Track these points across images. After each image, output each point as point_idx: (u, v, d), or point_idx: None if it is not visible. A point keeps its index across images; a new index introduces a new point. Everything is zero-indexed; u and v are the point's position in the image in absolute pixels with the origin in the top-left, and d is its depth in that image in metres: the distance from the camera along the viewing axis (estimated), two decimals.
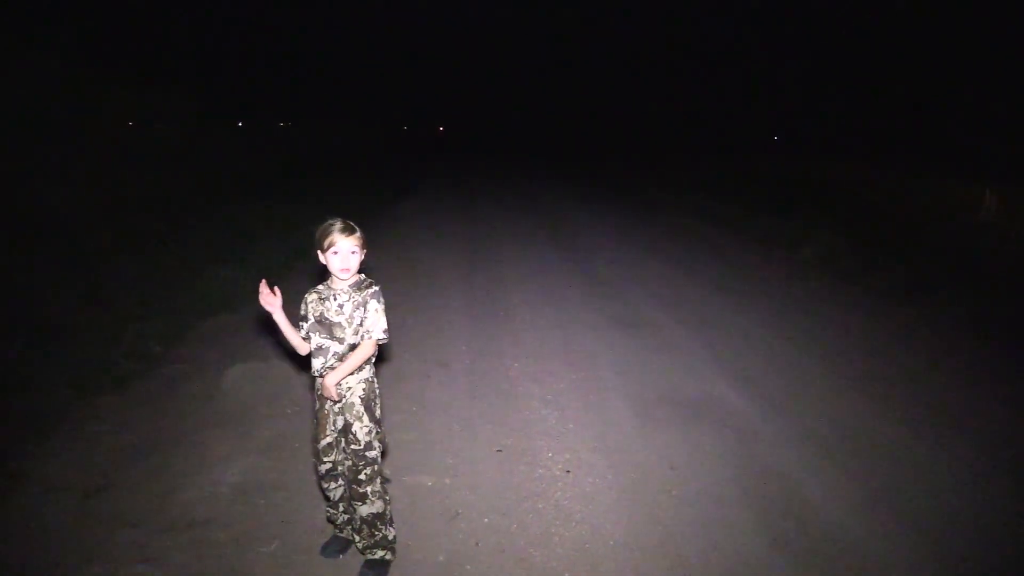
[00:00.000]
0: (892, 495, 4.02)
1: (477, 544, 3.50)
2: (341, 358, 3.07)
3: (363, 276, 3.14)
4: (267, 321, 3.24)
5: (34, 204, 11.47)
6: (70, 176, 12.82)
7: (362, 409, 3.12)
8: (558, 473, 4.22)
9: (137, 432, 4.64)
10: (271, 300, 3.07)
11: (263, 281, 3.10)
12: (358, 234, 3.04)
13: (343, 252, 3.00)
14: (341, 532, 3.41)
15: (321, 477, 3.27)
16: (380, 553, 3.23)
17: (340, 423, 3.15)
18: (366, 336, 3.07)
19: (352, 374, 3.09)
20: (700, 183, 20.32)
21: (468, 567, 3.33)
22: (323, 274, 3.16)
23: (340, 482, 3.27)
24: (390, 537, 3.26)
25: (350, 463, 3.16)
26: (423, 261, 9.94)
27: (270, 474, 4.13)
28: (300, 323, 3.16)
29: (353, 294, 3.09)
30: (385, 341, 3.11)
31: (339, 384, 3.07)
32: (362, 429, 3.12)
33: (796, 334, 6.91)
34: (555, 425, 4.86)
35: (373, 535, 3.21)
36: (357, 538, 3.30)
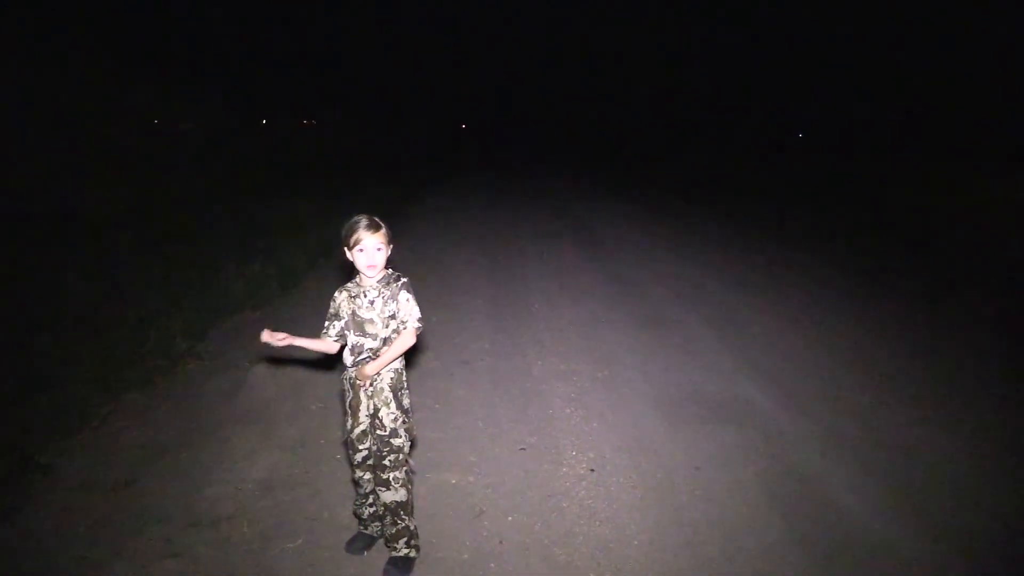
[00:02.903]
0: (918, 496, 3.97)
1: (501, 542, 3.49)
2: (375, 353, 3.09)
3: (390, 271, 3.14)
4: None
5: (60, 202, 11.62)
6: (95, 174, 12.98)
7: (390, 395, 3.14)
8: (582, 472, 4.20)
9: (162, 428, 4.69)
10: (278, 340, 3.08)
11: (263, 333, 3.11)
12: (384, 230, 3.04)
13: (369, 249, 3.00)
14: (366, 528, 3.41)
15: (356, 466, 3.27)
16: (404, 550, 3.23)
17: (372, 408, 3.16)
18: (402, 326, 3.09)
19: None
20: (725, 181, 20.19)
21: (492, 565, 3.32)
22: (351, 270, 3.16)
23: (370, 473, 3.27)
24: (412, 528, 3.26)
25: (375, 448, 3.17)
26: (445, 258, 9.95)
27: (295, 470, 4.15)
28: (330, 322, 3.17)
29: (383, 290, 3.09)
30: (421, 328, 3.13)
31: None
32: (389, 415, 3.14)
33: (821, 333, 6.83)
34: (579, 424, 4.84)
35: (395, 523, 3.22)
36: (380, 528, 3.32)
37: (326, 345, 3.20)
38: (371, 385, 3.13)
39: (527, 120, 70.89)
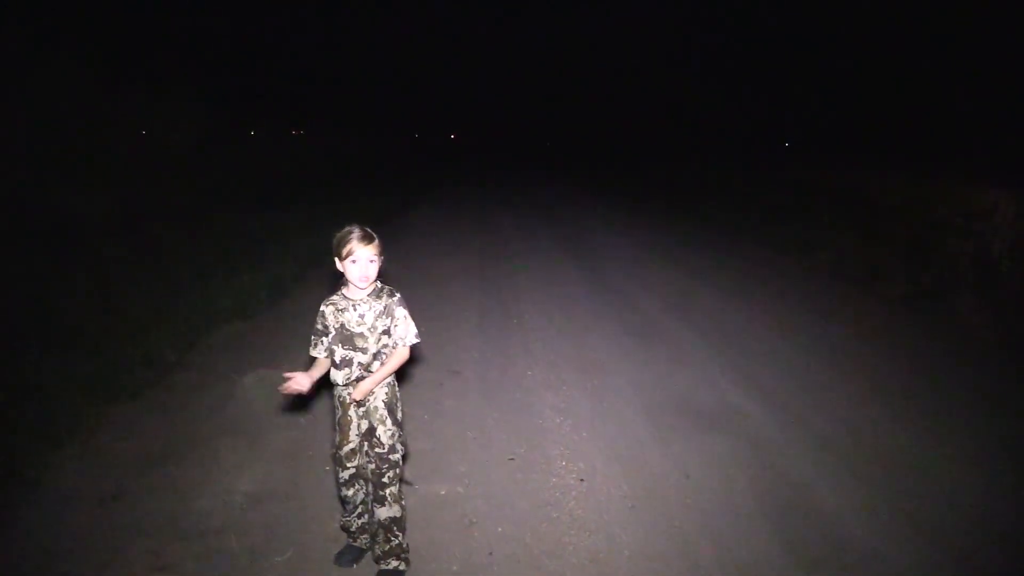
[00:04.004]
0: (909, 503, 3.98)
1: (491, 554, 3.48)
2: (366, 368, 3.05)
3: (380, 283, 3.11)
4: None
5: (49, 211, 11.56)
6: (85, 184, 12.92)
7: (386, 412, 3.11)
8: (572, 482, 4.19)
9: (151, 440, 4.65)
10: (298, 383, 3.02)
11: (285, 385, 3.03)
12: (376, 242, 3.00)
13: (362, 261, 2.96)
14: (355, 541, 3.39)
15: (343, 483, 3.23)
16: (394, 563, 3.22)
17: (364, 427, 3.13)
18: (400, 343, 3.08)
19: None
20: (712, 190, 20.26)
21: None
22: (336, 280, 3.14)
23: (360, 486, 3.24)
24: (404, 545, 3.24)
25: (373, 466, 3.13)
26: (434, 268, 9.93)
27: (283, 483, 4.12)
28: (318, 337, 3.11)
29: (373, 303, 3.05)
30: (417, 343, 3.12)
31: None
32: (386, 432, 3.11)
33: (810, 342, 6.86)
34: (569, 433, 4.83)
35: (389, 540, 3.19)
36: (372, 545, 3.28)
37: (324, 364, 3.15)
38: (362, 406, 3.10)
39: (518, 130, 71.16)
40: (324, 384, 3.21)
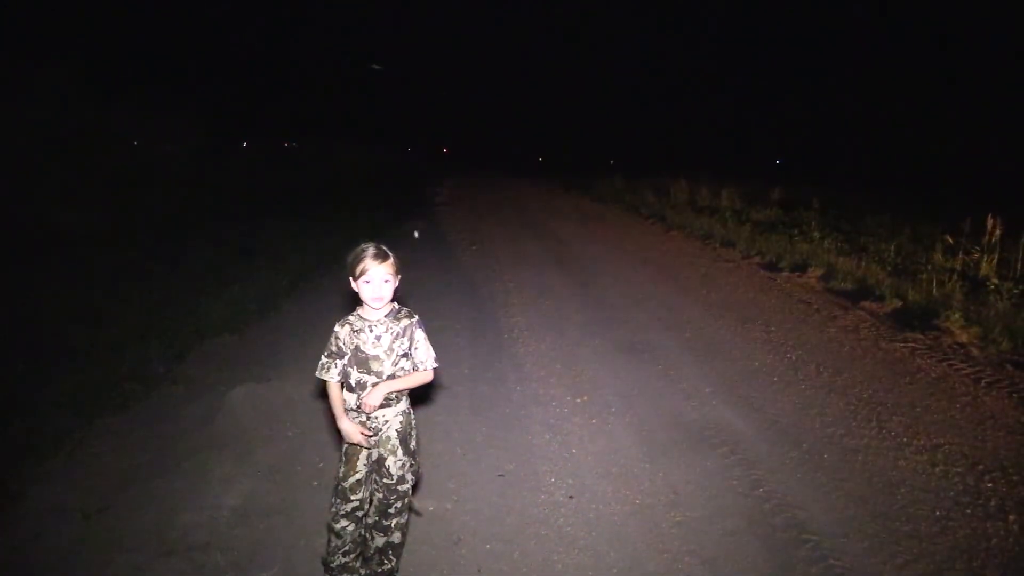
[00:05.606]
0: (901, 524, 3.97)
1: (479, 571, 3.46)
2: None
3: (396, 304, 3.05)
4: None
5: (39, 224, 11.52)
6: (74, 195, 12.88)
7: (397, 443, 3.02)
8: (561, 499, 4.18)
9: (137, 454, 4.63)
10: (356, 435, 2.95)
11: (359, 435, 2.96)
12: (391, 260, 2.93)
13: (376, 280, 2.89)
14: None
15: (341, 515, 3.05)
16: None
17: (374, 455, 3.03)
18: (421, 367, 3.02)
19: (390, 406, 3.00)
20: (703, 206, 20.34)
21: None
22: (353, 302, 3.08)
23: (357, 523, 3.09)
24: (396, 568, 3.21)
25: (381, 496, 3.05)
26: (425, 282, 9.92)
27: (270, 497, 4.10)
28: (331, 360, 3.00)
29: (390, 324, 2.98)
30: (437, 367, 3.07)
31: (376, 417, 2.98)
32: (395, 463, 3.02)
33: (800, 359, 6.87)
34: (558, 450, 4.82)
35: (382, 563, 3.16)
36: (361, 569, 3.21)
37: (339, 392, 3.02)
38: (373, 436, 2.99)
39: (511, 144, 71.46)
40: (319, 397, 3.19)
